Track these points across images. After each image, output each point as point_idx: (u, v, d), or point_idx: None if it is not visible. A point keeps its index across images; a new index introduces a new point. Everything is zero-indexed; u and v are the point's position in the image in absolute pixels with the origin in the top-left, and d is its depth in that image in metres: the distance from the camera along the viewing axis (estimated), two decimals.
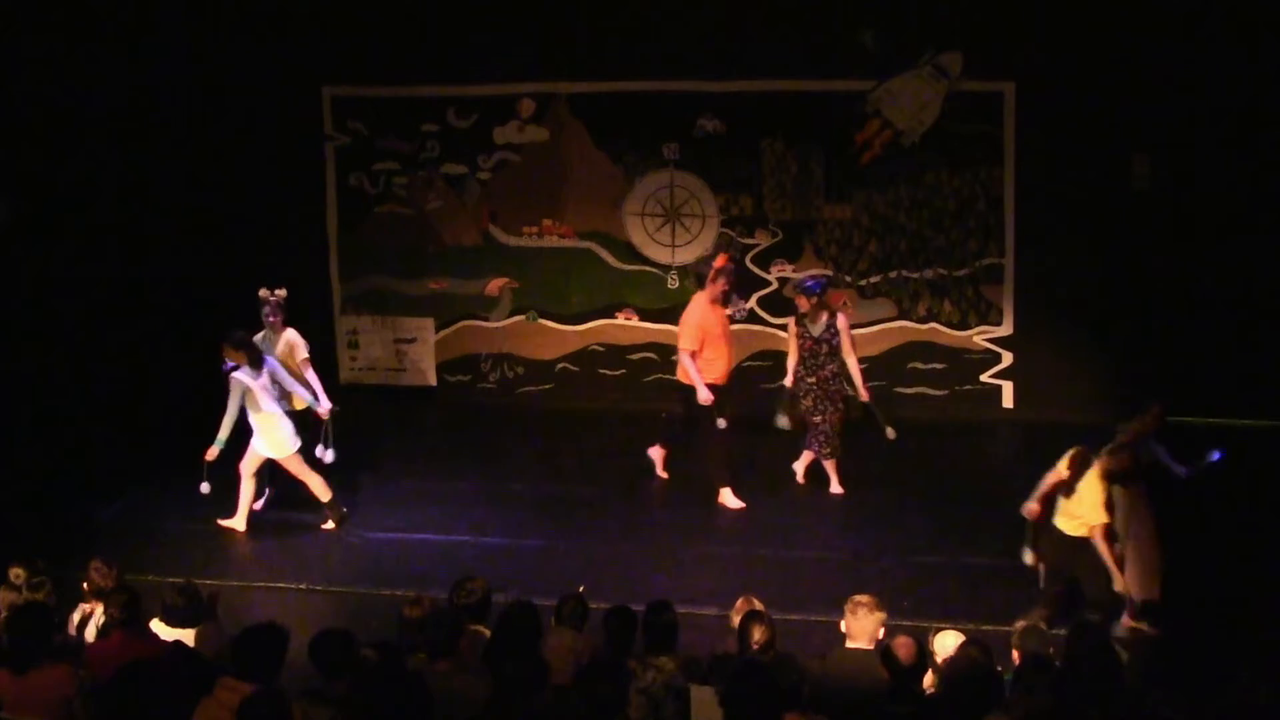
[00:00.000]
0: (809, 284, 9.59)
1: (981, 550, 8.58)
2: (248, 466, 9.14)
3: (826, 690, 5.47)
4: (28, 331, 10.29)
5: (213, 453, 8.91)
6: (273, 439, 9.02)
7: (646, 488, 10.00)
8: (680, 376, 9.63)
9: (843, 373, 9.52)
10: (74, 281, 10.79)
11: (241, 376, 8.82)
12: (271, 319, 9.37)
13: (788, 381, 9.61)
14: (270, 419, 8.97)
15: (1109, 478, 7.16)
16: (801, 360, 9.50)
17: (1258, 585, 7.82)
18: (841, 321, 9.51)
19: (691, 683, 5.38)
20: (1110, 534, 7.17)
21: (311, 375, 9.41)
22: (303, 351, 9.41)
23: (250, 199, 11.84)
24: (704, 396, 9.31)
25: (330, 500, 9.30)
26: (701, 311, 9.43)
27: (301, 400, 9.34)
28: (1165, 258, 10.73)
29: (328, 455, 9.38)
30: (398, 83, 11.85)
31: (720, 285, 9.44)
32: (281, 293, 9.38)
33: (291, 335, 9.43)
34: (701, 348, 9.37)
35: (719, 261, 9.60)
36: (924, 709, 5.61)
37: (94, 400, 10.66)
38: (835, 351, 9.45)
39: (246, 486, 9.21)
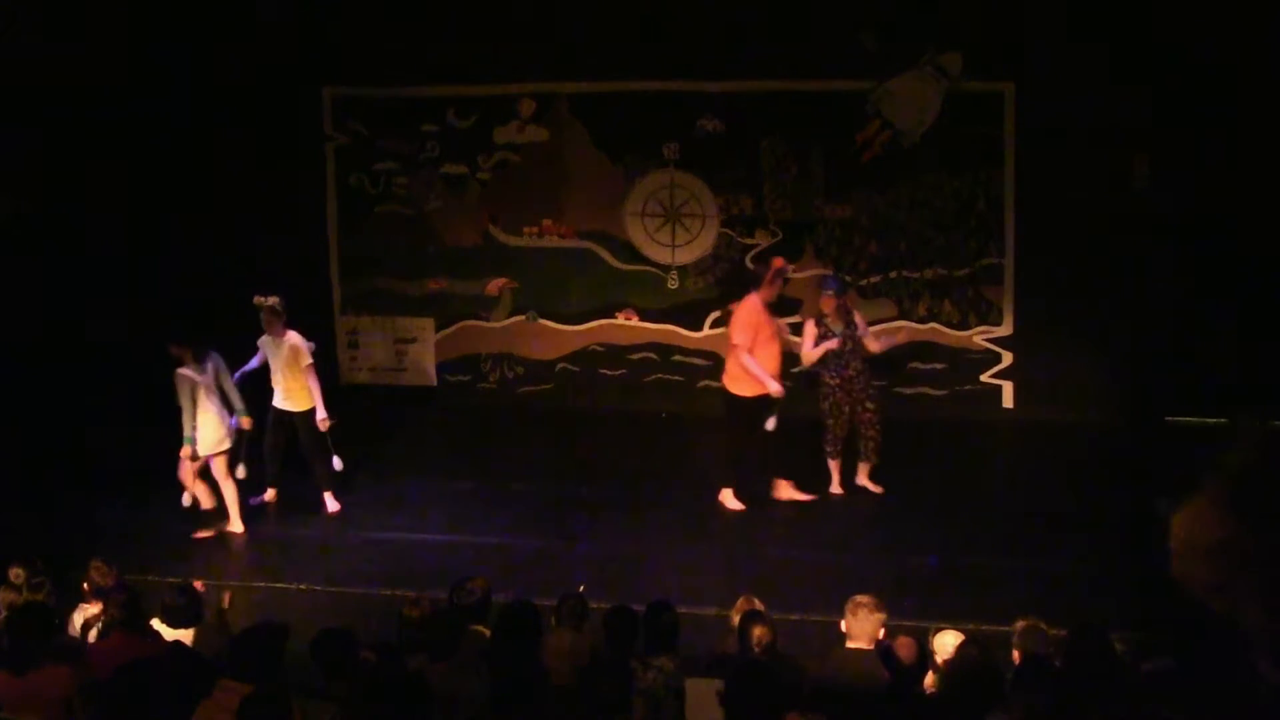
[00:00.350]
0: (832, 284, 9.57)
1: (981, 550, 8.57)
2: (219, 472, 9.15)
3: (826, 690, 5.47)
4: (28, 331, 10.27)
5: (187, 451, 8.94)
6: (201, 435, 8.99)
7: (646, 488, 9.98)
8: (725, 382, 9.43)
9: (866, 370, 9.51)
10: (74, 281, 10.78)
11: (187, 372, 8.87)
12: (269, 324, 9.28)
13: (835, 343, 9.36)
14: (206, 417, 8.96)
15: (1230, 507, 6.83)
16: (823, 362, 9.45)
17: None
18: (859, 317, 9.57)
19: (689, 678, 5.38)
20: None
21: (314, 383, 9.33)
22: (307, 357, 9.30)
23: (250, 199, 11.83)
24: (776, 389, 9.11)
25: (215, 509, 9.20)
26: (756, 311, 9.21)
27: (237, 403, 9.15)
28: (1165, 258, 10.72)
29: (336, 463, 9.42)
30: (398, 83, 11.85)
31: (777, 287, 9.32)
32: (274, 299, 9.23)
33: (295, 340, 9.32)
34: (753, 347, 9.17)
35: (778, 263, 9.41)
36: (924, 709, 5.62)
37: (93, 400, 10.64)
38: (858, 348, 9.45)
39: (227, 489, 9.19)
